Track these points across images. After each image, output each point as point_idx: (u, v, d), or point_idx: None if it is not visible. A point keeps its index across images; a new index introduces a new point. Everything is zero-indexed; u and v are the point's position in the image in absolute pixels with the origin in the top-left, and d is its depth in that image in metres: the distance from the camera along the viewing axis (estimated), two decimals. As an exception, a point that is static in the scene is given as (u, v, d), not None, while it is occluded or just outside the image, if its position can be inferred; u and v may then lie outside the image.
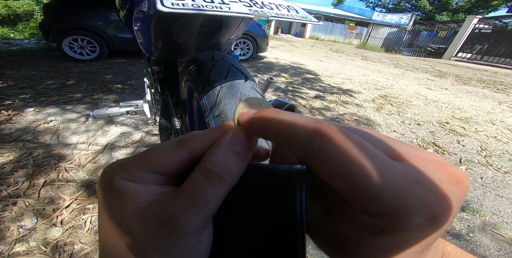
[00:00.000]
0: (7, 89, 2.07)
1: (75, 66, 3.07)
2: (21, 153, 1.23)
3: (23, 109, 1.71)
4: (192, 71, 0.52)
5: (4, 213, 0.89)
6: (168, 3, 0.32)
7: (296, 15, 0.43)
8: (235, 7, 0.37)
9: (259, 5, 0.41)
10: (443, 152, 1.65)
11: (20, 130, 1.44)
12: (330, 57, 6.64)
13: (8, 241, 0.79)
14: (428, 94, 3.33)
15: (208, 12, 0.34)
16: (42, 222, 0.87)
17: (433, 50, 11.35)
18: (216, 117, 0.43)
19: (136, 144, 1.39)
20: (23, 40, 5.61)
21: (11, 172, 1.09)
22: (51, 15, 3.13)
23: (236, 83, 0.46)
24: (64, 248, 0.79)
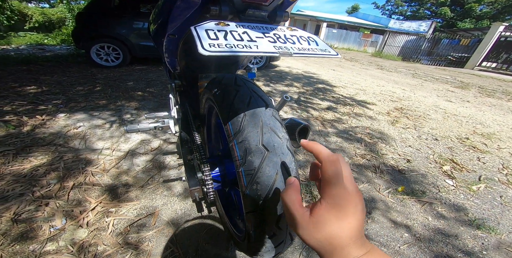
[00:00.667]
0: (42, 95, 2.27)
1: (101, 73, 3.30)
2: (53, 156, 1.34)
3: (55, 114, 1.86)
4: (216, 95, 0.56)
5: (37, 213, 0.96)
6: (206, 46, 0.36)
7: (316, 48, 0.45)
8: (262, 46, 0.40)
9: (282, 40, 0.43)
10: (461, 169, 1.59)
11: (53, 134, 1.57)
12: (344, 66, 6.60)
13: (40, 240, 0.85)
14: (448, 107, 3.21)
15: (240, 53, 0.38)
16: (71, 223, 0.92)
17: (454, 59, 10.86)
18: (239, 143, 0.46)
19: (155, 151, 1.47)
20: (55, 46, 6.09)
21: (44, 174, 1.19)
22: (83, 23, 3.40)
23: (258, 111, 0.50)
24: (89, 249, 0.84)
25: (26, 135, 1.54)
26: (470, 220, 1.14)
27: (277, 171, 0.43)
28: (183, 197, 1.11)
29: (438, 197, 1.29)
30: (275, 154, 0.45)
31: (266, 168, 0.43)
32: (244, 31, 0.41)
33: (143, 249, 0.84)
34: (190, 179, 0.63)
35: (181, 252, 0.84)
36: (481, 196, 1.34)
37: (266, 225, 0.45)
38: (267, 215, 0.43)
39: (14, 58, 3.78)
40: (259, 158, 0.44)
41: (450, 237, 1.03)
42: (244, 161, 0.44)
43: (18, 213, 0.95)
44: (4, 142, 1.44)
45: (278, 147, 0.46)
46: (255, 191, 0.43)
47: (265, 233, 0.46)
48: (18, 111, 1.87)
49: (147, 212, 1.00)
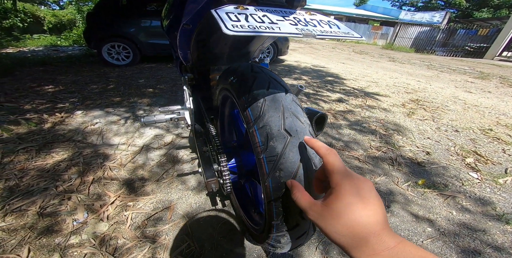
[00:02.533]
0: (59, 93, 2.35)
1: (113, 71, 3.37)
2: (73, 152, 1.38)
3: (73, 112, 1.92)
4: (233, 82, 0.55)
5: (61, 206, 0.99)
6: (229, 26, 0.35)
7: (339, 31, 0.44)
8: (285, 27, 0.39)
9: (303, 23, 0.42)
10: (486, 162, 1.51)
11: (72, 131, 1.62)
12: (353, 59, 6.40)
13: (64, 233, 0.87)
14: (468, 98, 3.05)
15: (264, 34, 0.37)
16: (92, 217, 0.94)
17: (472, 50, 10.36)
18: (260, 128, 0.45)
19: (168, 146, 1.49)
20: (68, 47, 6.29)
21: (66, 169, 1.23)
22: (93, 24, 3.48)
23: (278, 96, 0.48)
24: (110, 242, 0.85)
25: (47, 132, 1.60)
26: (498, 215, 1.08)
27: (300, 156, 0.42)
28: (198, 190, 1.12)
29: (462, 190, 1.23)
30: (298, 139, 0.43)
31: (289, 153, 0.42)
32: (263, 14, 0.41)
33: (161, 242, 0.85)
34: (207, 170, 0.63)
35: (197, 246, 0.84)
36: (508, 189, 1.26)
37: (289, 214, 0.44)
38: (291, 204, 0.42)
39: (31, 60, 3.94)
40: (282, 143, 0.42)
41: (477, 232, 0.98)
42: (266, 147, 0.43)
43: (43, 206, 0.98)
44: (27, 139, 1.50)
45: (300, 132, 0.44)
46: (278, 178, 0.42)
47: (288, 223, 0.45)
48: (38, 109, 1.95)
49: (163, 206, 1.02)
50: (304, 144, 0.43)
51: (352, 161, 1.41)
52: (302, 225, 0.45)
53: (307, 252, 0.84)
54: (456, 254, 0.87)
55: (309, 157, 0.44)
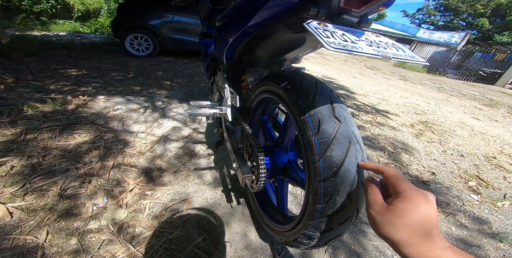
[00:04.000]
0: (82, 77, 2.43)
1: (132, 61, 3.47)
2: (95, 135, 1.43)
3: (96, 96, 2.00)
4: (288, 89, 0.58)
5: (81, 189, 0.98)
6: (327, 42, 0.38)
7: (405, 54, 0.46)
8: (365, 48, 0.42)
9: (375, 44, 0.45)
10: (487, 186, 1.56)
11: (94, 114, 1.69)
12: (365, 75, 6.45)
13: (83, 217, 0.86)
14: (475, 124, 3.09)
15: (354, 53, 0.40)
16: (111, 203, 0.94)
17: (485, 75, 10.18)
18: (312, 116, 0.50)
19: (185, 139, 1.55)
20: (90, 34, 6.44)
21: (87, 152, 1.25)
22: (123, 14, 3.60)
23: (326, 92, 0.54)
24: (128, 230, 0.84)
25: (71, 113, 1.66)
26: (493, 233, 1.14)
27: (350, 139, 0.47)
28: (213, 186, 1.16)
29: (462, 209, 1.29)
30: (347, 125, 0.48)
31: (340, 136, 0.47)
32: (342, 33, 0.44)
33: (177, 234, 0.86)
34: (242, 166, 0.68)
35: (213, 240, 0.85)
36: (505, 212, 1.33)
37: (338, 194, 0.46)
38: (341, 184, 0.45)
39: (56, 43, 4.05)
40: (333, 127, 0.47)
41: (472, 247, 1.04)
42: (318, 131, 0.48)
43: (64, 188, 0.97)
44: (52, 118, 1.55)
45: (348, 119, 0.50)
46: (330, 158, 0.46)
47: (335, 204, 0.47)
48: (62, 90, 2.02)
49: (180, 198, 1.03)
50: (352, 130, 0.49)
51: (360, 174, 1.46)
52: (348, 208, 0.47)
53: (317, 254, 0.89)
54: None
55: (358, 141, 0.49)
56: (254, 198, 0.90)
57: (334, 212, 0.48)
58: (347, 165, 0.45)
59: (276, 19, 0.60)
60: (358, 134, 0.50)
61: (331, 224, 0.49)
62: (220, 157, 1.41)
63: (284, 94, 0.58)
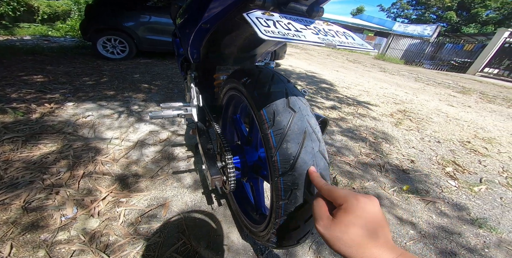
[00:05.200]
0: (49, 84, 2.26)
1: (107, 65, 3.29)
2: (63, 144, 1.33)
3: (64, 103, 1.86)
4: (247, 84, 0.56)
5: (48, 201, 0.94)
6: (263, 30, 0.37)
7: (354, 42, 0.46)
8: (308, 36, 0.41)
9: (323, 33, 0.44)
10: (463, 171, 1.62)
11: (62, 123, 1.57)
12: (347, 68, 6.61)
13: (51, 229, 0.83)
14: (450, 111, 3.25)
15: (292, 41, 0.38)
16: (82, 212, 0.91)
17: (457, 64, 10.87)
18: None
19: (163, 142, 1.48)
20: (60, 37, 6.05)
21: (54, 162, 1.17)
22: (92, 16, 3.39)
23: (281, 84, 0.52)
24: (101, 239, 0.82)
25: (35, 122, 1.54)
26: (472, 219, 1.17)
27: (305, 129, 0.45)
28: (193, 188, 1.12)
29: (441, 196, 1.32)
30: (301, 114, 0.47)
31: (294, 126, 0.45)
32: (288, 22, 0.43)
33: (155, 240, 0.84)
34: (211, 167, 0.64)
35: (192, 244, 0.83)
36: (482, 197, 1.37)
37: (298, 189, 0.45)
38: (299, 177, 0.44)
39: (19, 48, 3.76)
40: (287, 118, 0.46)
41: (453, 235, 1.06)
42: (273, 123, 0.46)
43: (28, 201, 0.93)
44: (13, 128, 1.43)
45: (304, 109, 0.48)
46: (286, 150, 0.44)
47: (296, 199, 0.46)
48: (26, 99, 1.87)
49: (157, 203, 1.00)
50: (307, 120, 0.47)
51: (344, 166, 1.47)
52: (310, 200, 0.45)
53: (301, 252, 0.87)
54: (435, 255, 0.94)
55: (314, 130, 0.47)
56: (233, 198, 0.86)
57: (296, 208, 0.46)
58: (304, 157, 0.44)
59: (228, 13, 0.57)
60: (314, 123, 0.48)
61: (296, 222, 0.48)
62: (199, 158, 1.36)
63: (244, 90, 0.56)
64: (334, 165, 1.48)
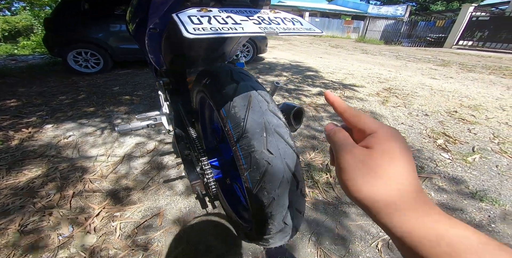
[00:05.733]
0: (23, 107, 2.16)
1: (83, 80, 3.17)
2: (48, 168, 1.29)
3: (42, 126, 1.79)
4: (207, 85, 0.56)
5: (42, 222, 0.95)
6: (191, 29, 0.35)
7: (301, 27, 0.45)
8: (248, 27, 0.40)
9: (267, 21, 0.44)
10: (455, 142, 1.63)
11: (43, 146, 1.51)
12: (330, 53, 6.62)
13: (51, 248, 0.85)
14: (433, 84, 3.30)
15: (226, 35, 0.37)
16: (78, 230, 0.92)
17: (432, 40, 11.25)
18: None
19: (151, 153, 1.45)
20: (27, 56, 5.76)
21: (42, 186, 1.16)
22: (53, 30, 3.20)
23: (245, 85, 0.51)
24: (101, 254, 0.83)
25: (15, 149, 1.48)
26: (472, 193, 1.14)
27: (264, 118, 0.44)
28: (186, 195, 1.10)
29: (436, 171, 1.30)
30: (260, 107, 0.46)
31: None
32: (227, 16, 0.41)
33: (154, 249, 0.84)
34: (190, 173, 0.62)
35: (192, 249, 0.84)
36: (477, 167, 1.35)
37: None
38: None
39: None
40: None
41: (456, 212, 1.02)
42: (228, 116, 0.46)
43: (23, 224, 0.94)
44: (-7, 159, 1.38)
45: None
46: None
47: (257, 163, 0.44)
48: (2, 126, 1.78)
49: (152, 213, 0.99)
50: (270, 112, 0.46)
51: (335, 151, 1.47)
52: (275, 166, 0.43)
53: (301, 245, 0.87)
54: None
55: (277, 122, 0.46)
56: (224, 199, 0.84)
57: (262, 175, 0.43)
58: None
59: (171, 14, 0.55)
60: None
61: (269, 194, 0.44)
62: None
63: (206, 90, 0.56)
64: (325, 152, 1.48)
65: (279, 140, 0.44)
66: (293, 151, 0.45)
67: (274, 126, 0.45)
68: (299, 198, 0.47)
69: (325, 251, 0.84)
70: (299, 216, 0.49)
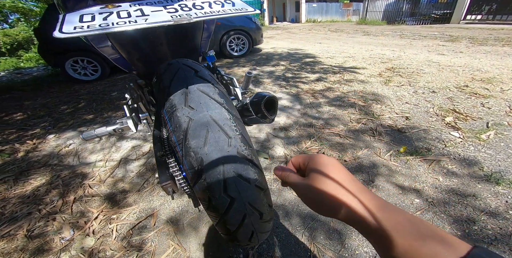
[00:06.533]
0: (28, 120, 2.24)
1: (83, 88, 3.23)
2: (51, 176, 1.34)
3: (45, 136, 1.84)
4: (155, 84, 0.53)
5: (47, 227, 1.00)
6: (67, 29, 0.33)
7: (231, 8, 0.43)
8: (154, 18, 0.38)
9: (188, 8, 0.41)
10: (466, 118, 1.49)
11: (46, 156, 1.56)
12: (330, 38, 6.37)
13: (54, 251, 0.89)
14: (441, 60, 3.09)
15: (110, 30, 0.35)
16: (78, 233, 0.96)
17: (438, 17, 10.60)
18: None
19: (147, 155, 1.45)
20: (32, 68, 5.93)
21: (46, 193, 1.21)
22: (44, 40, 3.20)
23: (184, 78, 0.48)
24: (99, 255, 0.86)
25: (21, 160, 1.54)
26: (486, 175, 1.01)
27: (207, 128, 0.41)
28: (179, 194, 1.10)
29: (445, 152, 1.19)
30: (204, 111, 0.43)
31: (195, 128, 0.41)
32: (138, 9, 0.40)
33: (147, 249, 0.85)
34: (161, 175, 0.58)
35: (183, 249, 0.84)
36: (492, 145, 1.21)
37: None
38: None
39: None
40: (187, 119, 0.42)
41: (468, 198, 0.91)
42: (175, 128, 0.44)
43: (30, 229, 0.99)
44: (2, 170, 1.44)
45: (206, 105, 0.44)
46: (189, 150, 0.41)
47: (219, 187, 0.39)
48: (9, 139, 1.85)
49: (146, 214, 1.01)
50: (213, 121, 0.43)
51: (333, 138, 1.41)
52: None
53: (293, 240, 0.83)
54: (449, 225, 0.81)
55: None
56: None
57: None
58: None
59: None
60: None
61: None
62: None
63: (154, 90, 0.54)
64: (322, 139, 1.41)
65: (202, 95, 0.43)
66: (220, 105, 0.44)
67: (197, 86, 0.44)
68: (237, 159, 0.39)
69: (319, 247, 0.80)
70: (245, 185, 0.40)
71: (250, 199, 0.39)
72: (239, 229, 0.42)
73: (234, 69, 3.49)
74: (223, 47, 4.18)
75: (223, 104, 0.45)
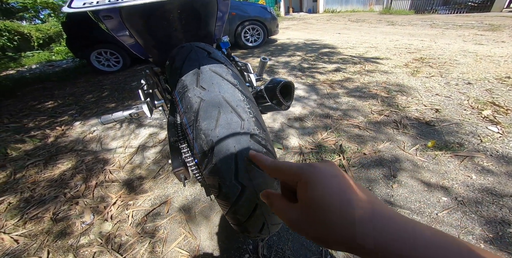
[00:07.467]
0: (58, 108, 2.40)
1: (107, 79, 3.38)
2: (76, 161, 1.42)
3: (72, 123, 1.96)
4: (167, 67, 0.52)
5: (70, 211, 1.05)
6: (77, 4, 0.35)
7: None
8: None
9: None
10: (506, 112, 1.34)
11: (73, 142, 1.66)
12: (350, 28, 6.01)
13: (75, 235, 0.93)
14: (479, 50, 2.77)
15: (122, 4, 0.35)
16: (97, 218, 0.99)
17: (476, 5, 9.45)
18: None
19: (163, 142, 1.49)
20: (62, 60, 6.34)
21: (71, 177, 1.28)
22: (71, 33, 3.39)
23: (196, 57, 0.47)
24: (115, 240, 0.89)
25: (51, 145, 1.65)
26: None
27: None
28: (192, 182, 1.11)
29: (480, 148, 1.08)
30: (217, 92, 0.41)
31: (207, 107, 0.40)
32: None
33: (160, 236, 0.87)
34: (174, 161, 0.57)
35: (194, 237, 0.85)
36: None
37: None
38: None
39: (29, 79, 4.05)
40: (198, 99, 0.41)
41: (504, 198, 0.84)
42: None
43: (56, 213, 1.05)
44: (34, 154, 1.55)
45: (219, 86, 0.43)
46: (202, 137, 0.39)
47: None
48: (40, 126, 2.00)
49: (160, 201, 1.03)
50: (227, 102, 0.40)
51: (352, 130, 1.33)
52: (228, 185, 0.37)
53: (296, 236, 0.81)
54: (480, 226, 0.75)
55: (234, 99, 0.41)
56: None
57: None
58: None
59: None
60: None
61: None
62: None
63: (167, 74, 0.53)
64: (339, 130, 1.34)
65: (214, 75, 0.42)
66: (233, 86, 0.42)
67: (210, 67, 0.43)
68: (250, 143, 0.37)
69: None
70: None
71: (262, 188, 0.37)
72: (250, 220, 0.41)
73: (248, 59, 3.44)
74: (237, 37, 4.11)
75: (236, 85, 0.43)
